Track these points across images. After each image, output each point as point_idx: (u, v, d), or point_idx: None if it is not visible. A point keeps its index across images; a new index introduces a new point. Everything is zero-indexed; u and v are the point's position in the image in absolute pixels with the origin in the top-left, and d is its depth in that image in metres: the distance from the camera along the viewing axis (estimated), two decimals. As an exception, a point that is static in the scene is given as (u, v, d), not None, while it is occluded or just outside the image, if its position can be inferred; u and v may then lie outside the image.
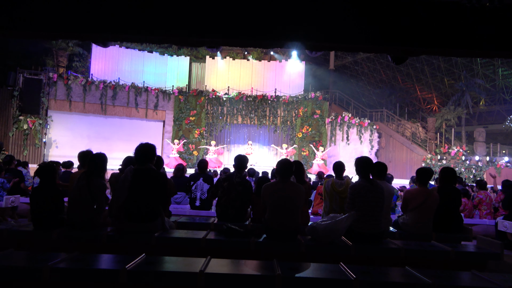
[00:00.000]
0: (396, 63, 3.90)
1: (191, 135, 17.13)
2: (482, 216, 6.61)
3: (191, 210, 5.42)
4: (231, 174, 4.35)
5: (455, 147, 16.40)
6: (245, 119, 17.74)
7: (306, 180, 4.97)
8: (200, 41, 3.36)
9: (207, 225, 4.04)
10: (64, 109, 15.77)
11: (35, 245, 3.30)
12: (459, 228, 4.24)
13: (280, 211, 3.42)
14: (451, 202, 4.22)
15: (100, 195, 3.56)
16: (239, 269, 2.57)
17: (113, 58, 17.70)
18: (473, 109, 24.27)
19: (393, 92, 27.73)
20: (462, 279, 2.61)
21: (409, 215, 4.12)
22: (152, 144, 3.57)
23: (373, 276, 2.52)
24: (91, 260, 2.66)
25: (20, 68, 14.81)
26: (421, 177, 4.23)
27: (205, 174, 5.69)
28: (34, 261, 2.55)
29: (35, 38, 3.37)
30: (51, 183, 3.65)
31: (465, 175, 14.80)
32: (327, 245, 3.27)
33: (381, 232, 3.53)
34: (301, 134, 17.43)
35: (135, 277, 2.42)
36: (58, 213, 3.57)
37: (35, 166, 9.73)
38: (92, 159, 3.68)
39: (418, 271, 2.61)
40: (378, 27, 3.14)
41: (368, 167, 3.65)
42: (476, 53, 3.50)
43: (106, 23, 3.12)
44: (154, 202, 3.42)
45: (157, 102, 17.09)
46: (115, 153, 14.72)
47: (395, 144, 17.51)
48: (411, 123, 19.31)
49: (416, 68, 26.49)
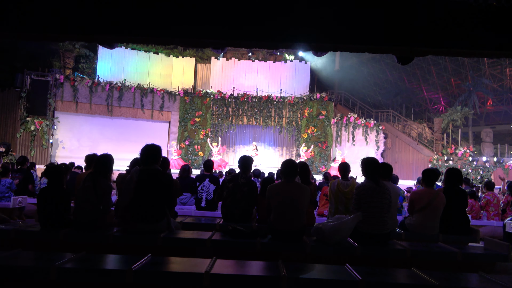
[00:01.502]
0: (402, 63, 3.88)
1: (196, 136, 17.18)
2: (490, 218, 6.55)
3: (196, 210, 5.44)
4: (236, 175, 4.35)
5: (462, 147, 16.26)
6: (250, 120, 17.75)
7: (312, 181, 4.96)
8: (205, 42, 3.36)
9: (212, 225, 4.04)
10: (70, 110, 15.89)
11: (42, 245, 3.33)
12: (466, 230, 4.21)
13: (285, 212, 3.42)
14: (457, 203, 4.19)
15: (106, 195, 3.59)
16: (244, 270, 2.57)
17: (119, 59, 17.80)
18: (480, 110, 24.07)
19: (399, 93, 27.56)
20: (470, 281, 2.59)
21: (416, 216, 4.10)
22: (157, 145, 3.59)
23: (379, 277, 2.51)
24: (98, 260, 2.67)
25: (27, 70, 14.95)
26: (427, 178, 4.21)
27: (211, 175, 5.69)
28: (41, 261, 2.57)
29: (43, 40, 3.39)
30: (59, 184, 3.68)
31: (472, 176, 14.67)
32: (332, 246, 3.26)
33: (387, 233, 3.51)
34: (307, 135, 17.40)
35: (141, 277, 2.43)
36: (65, 213, 3.60)
37: (42, 167, 9.83)
38: (98, 160, 3.71)
39: (425, 273, 2.59)
40: (383, 27, 3.13)
41: (374, 168, 3.63)
42: (483, 53, 3.47)
43: (112, 24, 3.14)
44: (159, 203, 3.43)
45: (162, 103, 17.16)
46: (121, 154, 14.79)
47: (401, 144, 17.41)
48: (417, 124, 19.20)
49: (423, 68, 26.33)
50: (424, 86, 28.28)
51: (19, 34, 3.16)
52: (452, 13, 3.07)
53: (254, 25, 3.14)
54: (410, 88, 28.60)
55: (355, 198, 3.59)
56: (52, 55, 17.40)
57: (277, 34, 3.15)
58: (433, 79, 26.84)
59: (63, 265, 2.47)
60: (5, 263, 2.51)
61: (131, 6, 3.10)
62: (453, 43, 3.12)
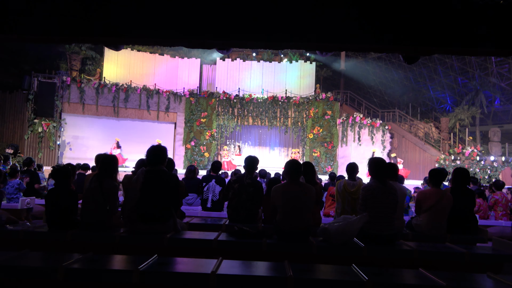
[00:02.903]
0: (408, 62, 3.86)
1: (202, 137, 17.21)
2: (498, 217, 6.49)
3: (202, 211, 5.45)
4: (241, 176, 4.35)
5: (469, 147, 16.12)
6: (256, 120, 17.75)
7: (317, 181, 4.95)
8: (211, 42, 3.37)
9: (218, 226, 4.05)
10: (77, 112, 16.02)
11: (50, 246, 3.36)
12: (474, 230, 4.17)
13: (291, 212, 3.41)
14: (465, 203, 4.16)
15: (113, 196, 3.61)
16: (250, 270, 2.57)
17: (125, 61, 17.91)
18: (487, 109, 23.84)
19: (406, 92, 27.40)
20: (478, 282, 2.56)
21: (423, 217, 4.07)
22: (163, 146, 3.62)
23: (386, 278, 2.49)
24: (105, 260, 2.69)
25: (34, 72, 15.10)
26: (434, 178, 4.18)
27: (218, 176, 5.70)
28: (49, 261, 2.60)
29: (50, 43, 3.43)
30: (66, 184, 3.71)
31: (480, 175, 14.53)
32: (339, 246, 3.25)
33: (394, 234, 3.49)
34: (312, 135, 17.35)
35: (148, 278, 2.44)
36: (72, 214, 3.63)
37: (49, 168, 9.91)
38: (103, 161, 3.74)
39: (432, 273, 2.57)
40: (388, 27, 3.11)
41: (381, 168, 3.61)
42: (491, 52, 3.44)
43: (117, 27, 3.16)
44: (165, 204, 3.45)
45: (168, 104, 17.22)
46: (128, 155, 14.94)
47: (407, 144, 17.30)
48: (424, 123, 19.06)
49: (429, 67, 26.15)
50: (430, 85, 28.08)
51: (27, 37, 3.19)
52: (458, 11, 3.04)
53: (260, 26, 3.15)
54: (416, 87, 28.42)
55: (361, 199, 3.58)
56: (59, 58, 17.55)
57: (283, 34, 3.15)
58: (439, 78, 26.64)
59: (70, 266, 2.49)
60: (14, 263, 2.53)
61: (135, 7, 3.12)
62: (460, 42, 3.10)
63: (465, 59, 23.99)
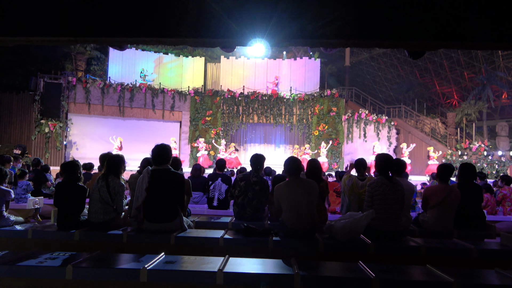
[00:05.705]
0: (413, 57, 3.82)
1: (207, 135, 17.25)
2: (506, 213, 6.43)
3: (209, 209, 5.46)
4: (248, 174, 4.36)
5: (476, 142, 15.97)
6: (261, 118, 17.75)
7: (323, 178, 4.93)
8: (214, 41, 3.37)
9: (225, 224, 4.06)
10: (83, 112, 16.13)
11: (58, 245, 3.39)
12: (482, 225, 4.14)
13: (295, 209, 3.40)
14: (472, 198, 4.12)
15: (119, 195, 3.64)
16: (257, 267, 2.57)
17: (129, 60, 17.98)
18: (494, 103, 23.61)
19: (411, 88, 27.22)
20: (486, 278, 2.54)
21: (430, 213, 4.05)
22: (167, 144, 3.62)
23: (393, 274, 2.48)
24: (112, 259, 2.71)
25: (40, 73, 15.22)
26: (441, 174, 4.15)
27: (224, 174, 5.71)
28: (58, 260, 2.62)
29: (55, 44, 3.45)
30: (75, 179, 3.75)
31: (487, 171, 14.40)
32: (345, 243, 3.24)
33: (401, 230, 3.47)
34: (318, 132, 17.32)
35: (155, 276, 2.45)
36: (80, 209, 3.67)
37: (57, 168, 9.99)
38: (109, 160, 3.76)
39: (440, 270, 2.55)
40: (393, 22, 3.08)
41: (388, 164, 3.59)
42: (499, 45, 3.40)
43: (120, 27, 3.17)
44: (172, 202, 3.46)
45: (173, 103, 17.27)
46: (134, 154, 14.99)
47: (414, 140, 17.19)
48: (430, 119, 18.95)
49: (435, 62, 25.94)
50: (436, 80, 27.87)
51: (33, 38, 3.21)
52: (464, 4, 3.01)
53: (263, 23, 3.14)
54: (422, 82, 28.22)
55: (368, 195, 3.56)
56: (65, 58, 17.68)
57: (287, 30, 3.14)
58: (445, 73, 26.43)
59: (78, 265, 2.52)
60: (22, 262, 2.56)
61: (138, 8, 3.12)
62: (466, 36, 3.06)
63: (472, 53, 23.76)
